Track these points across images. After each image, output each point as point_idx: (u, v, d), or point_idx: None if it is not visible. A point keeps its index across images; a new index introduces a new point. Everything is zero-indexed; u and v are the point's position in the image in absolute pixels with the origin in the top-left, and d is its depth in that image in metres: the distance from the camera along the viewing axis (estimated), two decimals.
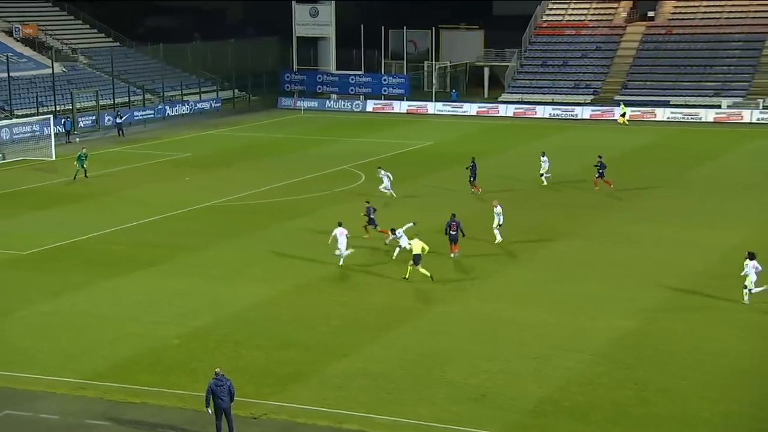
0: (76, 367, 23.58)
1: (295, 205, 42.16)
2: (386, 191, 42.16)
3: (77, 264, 32.67)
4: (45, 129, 58.36)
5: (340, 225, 32.36)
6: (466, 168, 44.04)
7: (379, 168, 43.63)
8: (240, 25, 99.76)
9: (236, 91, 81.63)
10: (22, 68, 68.85)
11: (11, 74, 63.66)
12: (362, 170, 49.47)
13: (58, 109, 65.13)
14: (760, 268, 27.99)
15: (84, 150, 48.82)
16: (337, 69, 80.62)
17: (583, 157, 51.16)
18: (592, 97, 74.21)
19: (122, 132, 63.83)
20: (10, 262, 32.74)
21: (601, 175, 43.55)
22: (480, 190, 43.23)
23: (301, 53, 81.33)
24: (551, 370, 23.58)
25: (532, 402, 21.89)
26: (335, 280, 31.08)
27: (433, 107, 75.37)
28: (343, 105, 77.74)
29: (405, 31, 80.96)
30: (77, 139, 61.70)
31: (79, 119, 65.08)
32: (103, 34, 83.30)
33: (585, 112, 70.46)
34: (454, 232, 32.97)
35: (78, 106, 66.01)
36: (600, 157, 44.49)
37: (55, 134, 56.91)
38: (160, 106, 72.41)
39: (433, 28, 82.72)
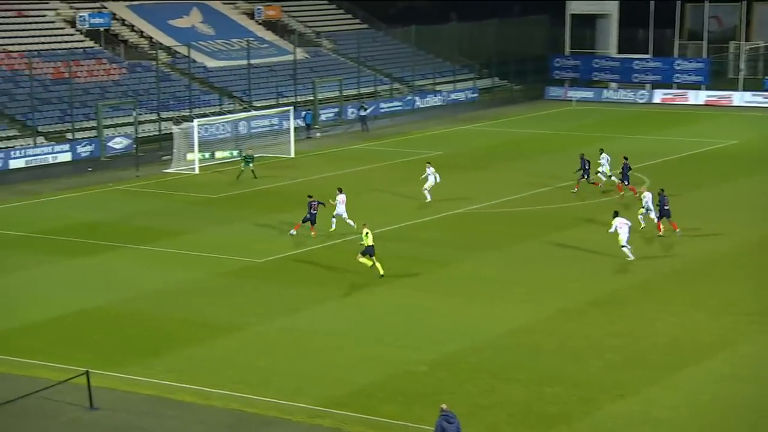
0: (312, 392, 24.74)
1: (563, 214, 41.88)
2: (427, 191, 43.17)
3: (316, 275, 34.31)
4: (284, 123, 61.82)
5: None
6: (577, 170, 45.11)
7: (428, 164, 44.04)
8: (504, 3, 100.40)
9: (496, 79, 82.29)
10: (262, 55, 73.34)
11: (251, 61, 67.97)
12: (647, 173, 48.30)
13: (298, 100, 68.78)
14: None
15: (250, 150, 51.45)
16: (619, 52, 79.23)
17: None
18: None
19: (366, 126, 66.28)
20: (245, 271, 34.96)
21: (626, 179, 43.14)
22: (579, 184, 44.94)
23: (574, 34, 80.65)
24: None
25: None
26: (609, 304, 30.57)
27: (739, 98, 72.25)
28: (625, 95, 76.28)
29: (707, 4, 78.04)
30: (318, 134, 64.84)
31: (321, 112, 68.35)
32: (350, 15, 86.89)
33: None
34: (667, 207, 37.03)
35: (319, 96, 69.34)
36: (626, 158, 43.23)
37: (295, 128, 60.11)
38: (409, 97, 74.47)
39: (744, 0, 79.19)
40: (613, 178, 44.74)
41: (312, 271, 34.78)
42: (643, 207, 37.93)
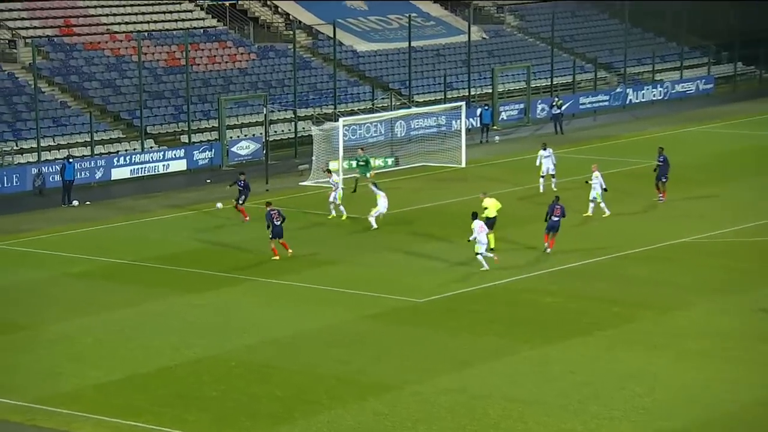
0: None
1: None
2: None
3: (492, 321, 34.28)
4: (454, 123, 62.14)
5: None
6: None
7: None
8: None
9: (740, 64, 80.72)
10: (427, 35, 73.97)
11: (412, 44, 68.53)
12: None
13: (472, 93, 68.98)
14: None
15: (361, 151, 51.55)
16: None
17: None
18: None
19: (560, 127, 65.96)
20: (401, 313, 35.21)
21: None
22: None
23: None
24: None
25: None
26: None
27: None
28: None
29: None
30: (496, 138, 64.89)
31: (501, 109, 68.38)
32: None
33: None
34: (556, 218, 39.82)
35: (500, 89, 69.38)
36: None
37: (468, 130, 60.25)
38: (619, 90, 73.78)
39: None
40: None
41: (487, 314, 34.78)
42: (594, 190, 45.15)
